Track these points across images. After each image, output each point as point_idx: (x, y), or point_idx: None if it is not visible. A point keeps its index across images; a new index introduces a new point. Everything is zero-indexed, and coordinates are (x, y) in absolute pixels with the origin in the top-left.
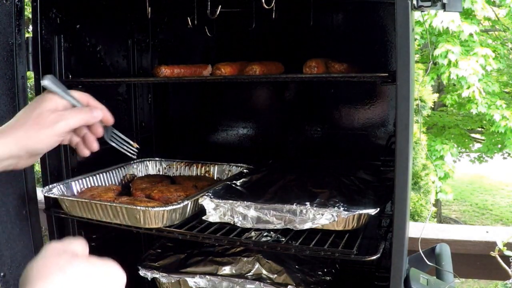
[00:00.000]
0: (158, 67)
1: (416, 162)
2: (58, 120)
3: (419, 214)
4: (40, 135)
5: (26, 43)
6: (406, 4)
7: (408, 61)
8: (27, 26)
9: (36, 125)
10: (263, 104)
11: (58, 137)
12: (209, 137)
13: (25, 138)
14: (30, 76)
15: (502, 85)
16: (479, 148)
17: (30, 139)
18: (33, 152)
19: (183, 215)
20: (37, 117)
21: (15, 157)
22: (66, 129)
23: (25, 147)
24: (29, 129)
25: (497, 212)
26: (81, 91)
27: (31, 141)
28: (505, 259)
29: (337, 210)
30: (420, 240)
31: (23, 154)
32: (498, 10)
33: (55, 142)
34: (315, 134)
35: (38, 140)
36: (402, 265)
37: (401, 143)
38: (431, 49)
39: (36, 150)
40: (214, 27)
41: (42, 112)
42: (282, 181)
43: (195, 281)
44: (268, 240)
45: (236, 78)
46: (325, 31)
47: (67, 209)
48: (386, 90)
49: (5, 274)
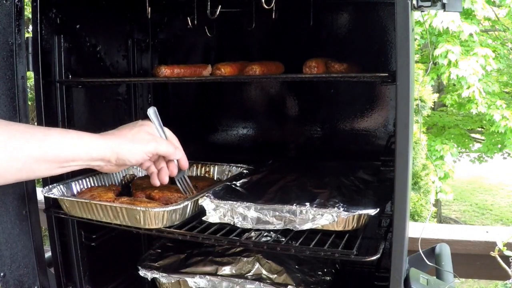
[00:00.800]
0: (158, 67)
1: (416, 162)
2: (151, 141)
3: (419, 214)
4: (133, 149)
5: (26, 43)
6: (406, 4)
7: (408, 61)
8: (27, 26)
9: (132, 139)
10: (263, 104)
11: (146, 154)
12: (209, 137)
13: (119, 146)
14: (30, 76)
15: (502, 85)
16: (479, 148)
17: (123, 149)
18: (120, 161)
19: (183, 215)
20: (136, 133)
21: (105, 160)
22: (155, 151)
23: (117, 154)
24: (126, 140)
25: (497, 212)
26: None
27: (122, 151)
28: (505, 259)
29: (337, 211)
30: (420, 240)
31: (113, 160)
32: (498, 10)
33: (141, 158)
34: (315, 134)
35: (129, 151)
36: (402, 265)
37: (401, 143)
38: (431, 49)
39: (124, 159)
40: (214, 27)
41: (141, 131)
42: (282, 182)
43: (195, 281)
44: (268, 241)
45: (236, 78)
46: (325, 31)
47: (67, 209)
48: (386, 90)
49: (5, 274)
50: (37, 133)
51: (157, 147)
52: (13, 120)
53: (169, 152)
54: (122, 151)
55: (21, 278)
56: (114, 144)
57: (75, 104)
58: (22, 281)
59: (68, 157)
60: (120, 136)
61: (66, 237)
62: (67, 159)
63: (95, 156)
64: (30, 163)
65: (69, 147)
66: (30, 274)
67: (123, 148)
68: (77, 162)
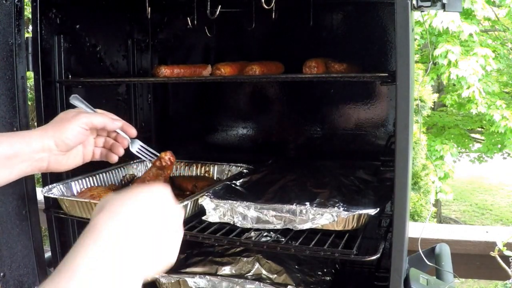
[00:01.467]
0: (158, 67)
1: (416, 162)
2: (81, 114)
3: (419, 214)
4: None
5: (26, 43)
6: (406, 4)
7: (408, 61)
8: (27, 26)
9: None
10: (263, 104)
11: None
12: (209, 137)
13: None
14: (30, 76)
15: (502, 85)
16: (479, 148)
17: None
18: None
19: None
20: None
21: (46, 149)
22: (89, 122)
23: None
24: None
25: (497, 212)
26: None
27: (58, 132)
28: (505, 259)
29: (337, 210)
30: (420, 240)
31: (52, 145)
32: (498, 10)
33: (79, 132)
34: (315, 134)
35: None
36: (402, 265)
37: (401, 143)
38: (431, 49)
39: (62, 139)
40: (214, 27)
41: (68, 112)
42: (282, 181)
43: (195, 281)
44: (268, 240)
45: (236, 78)
46: (325, 31)
47: (67, 209)
48: (386, 90)
49: (5, 274)
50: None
51: (90, 118)
52: (13, 120)
53: (105, 122)
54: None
55: (21, 278)
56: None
57: None
58: (22, 281)
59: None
60: (52, 123)
61: (66, 237)
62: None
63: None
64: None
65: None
66: (30, 274)
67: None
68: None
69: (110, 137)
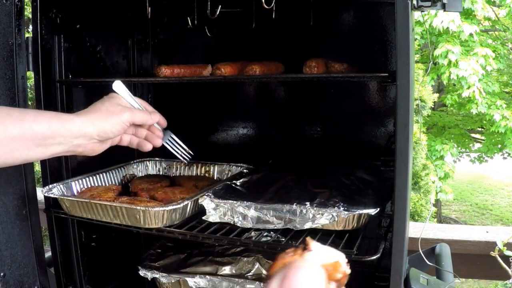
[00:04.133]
0: (158, 67)
1: (416, 162)
2: (125, 111)
3: (419, 214)
4: (112, 119)
5: (26, 43)
6: (406, 4)
7: (408, 61)
8: (27, 26)
9: (107, 112)
10: (263, 104)
11: (124, 124)
12: (209, 137)
13: (99, 120)
14: (30, 76)
15: (502, 85)
16: (479, 148)
17: (102, 122)
18: (103, 134)
19: (183, 215)
20: (109, 106)
21: (87, 136)
22: (130, 119)
23: (98, 128)
24: (102, 114)
25: (497, 212)
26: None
27: (102, 123)
28: (505, 259)
29: (337, 210)
30: (420, 240)
31: (95, 134)
32: (498, 10)
33: (121, 128)
34: (315, 134)
35: (109, 122)
36: (402, 265)
37: (401, 143)
38: (431, 49)
39: (105, 131)
40: (214, 27)
41: (112, 104)
42: (282, 181)
43: (195, 281)
44: (268, 240)
45: (236, 78)
46: (325, 31)
47: (67, 209)
48: (386, 90)
49: (5, 274)
50: (14, 112)
51: (132, 115)
52: None
53: (145, 119)
54: (102, 123)
55: (21, 278)
56: (93, 119)
57: (75, 104)
58: (22, 281)
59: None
60: (97, 111)
61: (66, 237)
62: (46, 136)
63: (76, 132)
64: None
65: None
66: (30, 274)
67: (102, 121)
68: (57, 140)
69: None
